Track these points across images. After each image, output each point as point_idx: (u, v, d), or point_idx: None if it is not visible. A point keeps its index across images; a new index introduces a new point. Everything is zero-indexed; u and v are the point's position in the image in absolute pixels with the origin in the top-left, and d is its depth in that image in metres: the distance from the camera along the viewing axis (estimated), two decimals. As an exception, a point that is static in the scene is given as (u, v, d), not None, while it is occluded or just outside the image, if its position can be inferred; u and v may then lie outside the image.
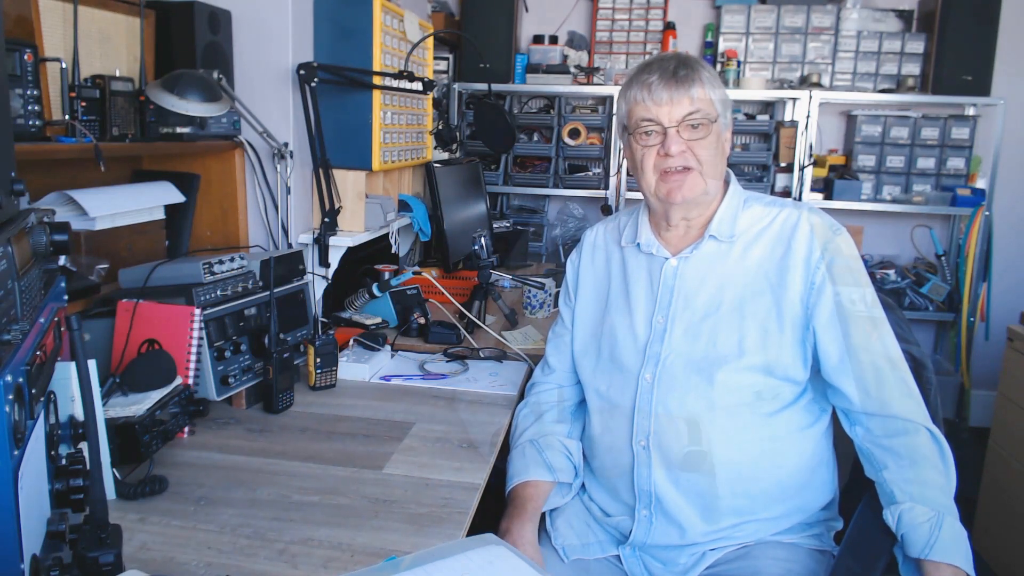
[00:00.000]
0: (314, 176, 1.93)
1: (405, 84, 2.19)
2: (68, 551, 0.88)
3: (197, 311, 1.42)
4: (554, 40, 3.70)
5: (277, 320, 1.57)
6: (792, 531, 1.29)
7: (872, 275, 3.42)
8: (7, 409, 0.73)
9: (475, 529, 1.18)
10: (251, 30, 1.85)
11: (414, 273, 2.22)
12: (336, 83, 1.94)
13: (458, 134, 2.64)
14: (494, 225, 3.03)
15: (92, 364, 1.01)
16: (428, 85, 2.32)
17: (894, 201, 3.45)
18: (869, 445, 1.21)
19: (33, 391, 0.81)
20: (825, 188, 3.48)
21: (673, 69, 1.24)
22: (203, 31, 1.72)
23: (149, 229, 1.72)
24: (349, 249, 1.99)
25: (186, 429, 1.40)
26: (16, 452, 0.75)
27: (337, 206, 1.96)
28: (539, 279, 2.32)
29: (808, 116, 3.37)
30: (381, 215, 2.11)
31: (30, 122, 1.25)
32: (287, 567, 1.02)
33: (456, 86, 3.63)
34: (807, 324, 1.23)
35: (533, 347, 1.92)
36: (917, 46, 3.46)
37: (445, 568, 0.96)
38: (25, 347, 0.80)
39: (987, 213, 3.31)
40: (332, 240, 1.95)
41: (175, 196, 1.75)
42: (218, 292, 1.50)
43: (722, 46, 3.58)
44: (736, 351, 1.23)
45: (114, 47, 1.62)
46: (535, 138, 3.88)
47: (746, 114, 3.73)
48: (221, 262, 1.53)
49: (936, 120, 3.43)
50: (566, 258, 1.50)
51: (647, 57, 3.53)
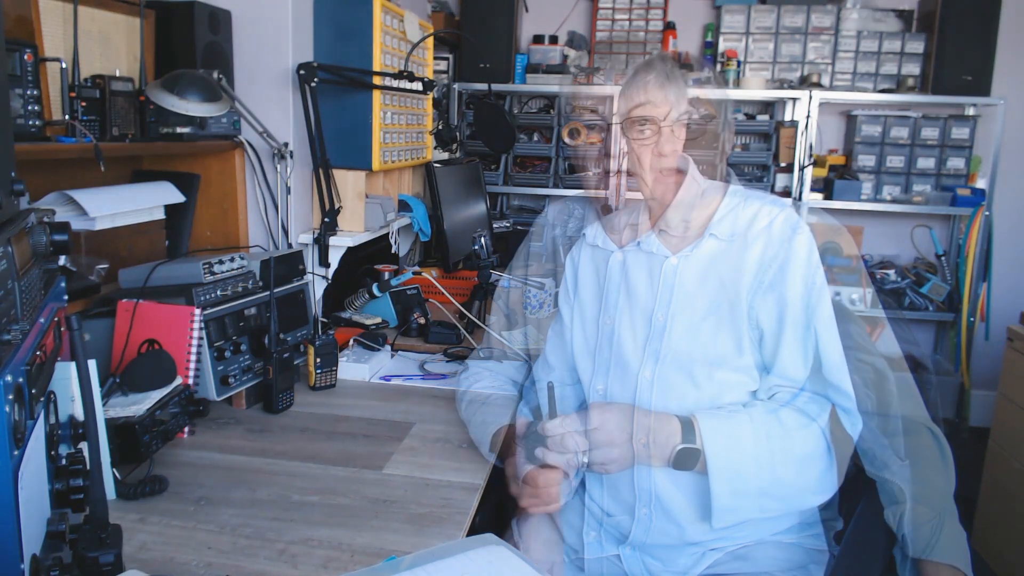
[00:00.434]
0: (314, 176, 1.93)
1: (405, 84, 2.19)
2: (68, 551, 0.88)
3: (197, 311, 1.42)
4: (554, 40, 3.71)
5: (277, 320, 1.57)
6: (791, 531, 1.29)
7: (872, 275, 3.41)
8: (7, 409, 0.73)
9: (475, 529, 1.18)
10: (251, 30, 1.85)
11: (414, 273, 2.22)
12: (336, 83, 1.94)
13: (458, 134, 2.64)
14: (494, 225, 3.03)
15: (92, 364, 1.01)
16: (428, 85, 2.32)
17: (894, 201, 3.45)
18: (870, 445, 1.21)
19: (33, 391, 0.81)
20: (825, 188, 3.48)
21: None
22: (203, 31, 1.72)
23: (149, 229, 1.72)
24: (349, 249, 1.99)
25: (186, 429, 1.40)
26: (16, 452, 0.75)
27: (337, 206, 1.96)
28: (539, 279, 2.31)
29: (808, 116, 3.37)
30: (381, 215, 2.10)
31: (30, 122, 1.25)
32: (287, 567, 1.02)
33: (456, 86, 3.63)
34: (808, 324, 1.23)
35: (533, 347, 1.91)
36: (917, 46, 3.46)
37: (445, 568, 0.96)
38: (25, 347, 0.80)
39: (987, 213, 3.31)
40: (332, 240, 1.94)
41: (175, 196, 1.75)
42: (218, 292, 1.50)
43: (722, 46, 3.57)
44: (736, 350, 1.24)
45: (114, 47, 1.62)
46: (535, 138, 3.88)
47: (746, 114, 3.73)
48: (221, 262, 1.53)
49: (936, 120, 3.42)
50: (566, 257, 1.50)
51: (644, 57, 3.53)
